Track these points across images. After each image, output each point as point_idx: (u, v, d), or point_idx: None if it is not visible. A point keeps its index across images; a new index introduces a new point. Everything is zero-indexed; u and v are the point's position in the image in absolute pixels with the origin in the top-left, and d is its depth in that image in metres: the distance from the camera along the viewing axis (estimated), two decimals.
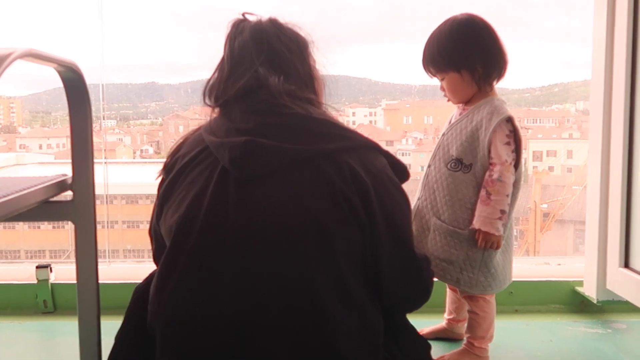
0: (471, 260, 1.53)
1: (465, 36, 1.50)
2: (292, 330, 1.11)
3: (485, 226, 1.48)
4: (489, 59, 1.51)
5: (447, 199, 1.53)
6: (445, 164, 1.54)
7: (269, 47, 1.28)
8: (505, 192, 1.48)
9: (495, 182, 1.48)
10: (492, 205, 1.48)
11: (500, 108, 1.51)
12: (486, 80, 1.52)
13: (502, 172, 1.48)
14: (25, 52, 1.02)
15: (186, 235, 1.16)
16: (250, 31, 1.31)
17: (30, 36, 2.57)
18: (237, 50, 1.30)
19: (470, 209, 1.51)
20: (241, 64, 1.28)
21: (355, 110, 3.82)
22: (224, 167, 1.17)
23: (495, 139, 1.48)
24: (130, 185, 3.26)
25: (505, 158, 1.48)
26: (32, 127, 3.81)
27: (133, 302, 1.29)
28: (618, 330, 1.89)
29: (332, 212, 1.14)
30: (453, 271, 1.54)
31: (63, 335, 1.88)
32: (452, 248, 1.53)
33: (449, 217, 1.53)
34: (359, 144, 1.23)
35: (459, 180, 1.52)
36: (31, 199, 1.17)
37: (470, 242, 1.52)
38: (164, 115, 3.69)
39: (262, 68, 1.26)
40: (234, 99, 1.25)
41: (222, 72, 1.31)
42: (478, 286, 1.55)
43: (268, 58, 1.28)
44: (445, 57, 1.51)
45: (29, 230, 3.45)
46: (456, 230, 1.53)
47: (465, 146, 1.52)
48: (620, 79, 1.86)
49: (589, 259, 2.00)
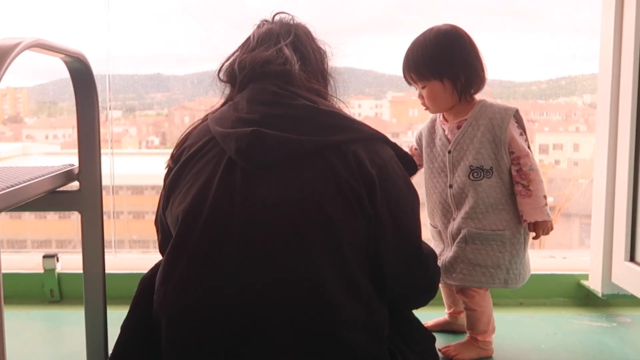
0: (515, 258, 1.56)
1: (450, 45, 1.51)
2: (297, 320, 1.12)
3: (538, 216, 1.51)
4: (471, 70, 1.52)
5: (481, 207, 1.54)
6: (468, 176, 1.55)
7: (295, 34, 1.34)
8: (539, 178, 1.52)
9: (528, 173, 1.51)
10: (534, 194, 1.51)
11: (502, 105, 1.55)
12: (466, 90, 1.53)
13: (531, 162, 1.52)
14: (33, 42, 1.03)
15: (192, 225, 1.16)
16: (280, 22, 1.38)
17: (36, 27, 2.57)
18: (264, 31, 1.35)
19: (503, 210, 1.54)
20: (266, 41, 1.33)
21: (361, 102, 3.81)
22: (231, 158, 1.18)
23: (513, 134, 1.52)
24: (136, 176, 3.27)
25: (526, 149, 1.52)
26: (39, 117, 3.82)
27: (139, 292, 1.29)
28: (623, 324, 1.89)
29: (338, 203, 1.15)
30: (501, 274, 1.55)
31: (69, 325, 1.89)
32: (496, 252, 1.54)
33: (487, 223, 1.54)
34: (366, 135, 1.23)
35: (485, 186, 1.53)
36: (38, 189, 1.18)
37: (512, 241, 1.55)
38: (169, 106, 3.69)
39: (287, 48, 1.29)
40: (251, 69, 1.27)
41: (246, 47, 1.35)
42: (520, 279, 1.59)
43: (293, 42, 1.32)
44: (431, 65, 1.51)
45: (36, 220, 3.46)
46: (497, 232, 1.54)
47: (482, 152, 1.53)
48: (628, 72, 1.85)
49: (595, 253, 2.00)
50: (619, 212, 1.90)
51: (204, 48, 2.91)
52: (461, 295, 1.62)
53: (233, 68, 1.31)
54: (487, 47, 1.60)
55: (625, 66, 1.86)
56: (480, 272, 1.54)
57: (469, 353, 1.60)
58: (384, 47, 3.27)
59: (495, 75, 2.81)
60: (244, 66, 1.29)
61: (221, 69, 1.34)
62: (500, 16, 2.83)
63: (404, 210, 1.24)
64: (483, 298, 1.59)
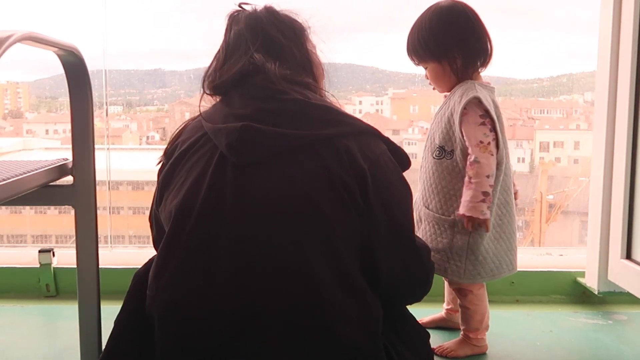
0: (457, 248, 1.51)
1: (443, 26, 1.49)
2: (290, 315, 1.11)
3: (469, 211, 1.45)
4: (467, 50, 1.49)
5: (433, 187, 1.53)
6: (431, 154, 1.54)
7: (263, 34, 1.29)
8: (484, 173, 1.44)
9: (473, 165, 1.45)
10: (473, 188, 1.45)
11: (469, 90, 1.48)
12: (465, 71, 1.51)
13: (478, 153, 1.45)
14: (25, 35, 1.03)
15: (184, 220, 1.16)
16: (245, 20, 1.31)
17: (33, 22, 2.57)
18: (232, 38, 1.31)
19: (454, 196, 1.51)
20: (236, 50, 1.29)
21: (361, 99, 3.81)
22: (222, 153, 1.17)
23: (467, 120, 1.46)
24: (135, 171, 3.27)
25: (480, 139, 1.45)
26: (39, 112, 3.82)
27: (132, 286, 1.29)
28: (619, 322, 1.89)
29: (330, 197, 1.14)
30: (440, 260, 1.53)
31: (65, 319, 1.90)
32: (438, 236, 1.53)
33: (436, 205, 1.54)
34: (358, 129, 1.23)
35: (443, 167, 1.52)
36: (31, 183, 1.18)
37: (454, 229, 1.51)
38: (169, 101, 3.69)
39: (257, 54, 1.26)
40: (231, 84, 1.26)
41: (219, 60, 1.31)
42: (466, 275, 1.52)
43: (263, 44, 1.28)
44: (425, 48, 1.51)
45: (35, 215, 3.47)
46: (441, 217, 1.53)
47: (444, 133, 1.51)
48: (625, 71, 1.84)
49: (591, 250, 1.99)
50: (615, 210, 1.89)
51: (203, 43, 2.91)
52: (456, 292, 1.62)
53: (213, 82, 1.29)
54: None
55: (623, 64, 1.85)
56: None
57: (463, 350, 1.60)
58: (385, 44, 3.26)
59: (495, 73, 2.79)
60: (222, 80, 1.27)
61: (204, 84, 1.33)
62: (501, 13, 2.82)
63: (396, 205, 1.24)
64: (477, 296, 1.59)
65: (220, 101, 1.29)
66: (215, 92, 1.30)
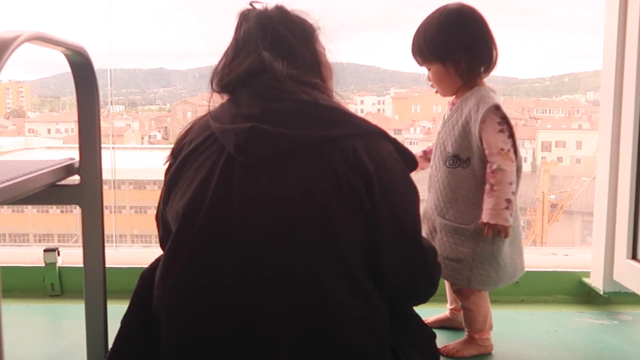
0: (480, 257, 1.51)
1: (450, 28, 1.48)
2: (296, 316, 1.11)
3: (493, 218, 1.45)
4: (473, 53, 1.48)
5: (449, 196, 1.52)
6: (444, 162, 1.53)
7: (273, 32, 1.28)
8: (507, 180, 1.45)
9: (495, 172, 1.45)
10: (496, 195, 1.45)
11: (486, 97, 1.48)
12: (471, 74, 1.50)
13: (500, 161, 1.45)
14: (33, 35, 1.02)
15: (192, 221, 1.16)
16: (256, 18, 1.31)
17: (39, 22, 2.57)
18: (242, 36, 1.30)
19: (474, 204, 1.49)
20: (245, 48, 1.29)
21: (363, 99, 3.81)
22: (230, 153, 1.17)
23: (486, 128, 1.46)
24: (138, 170, 3.27)
25: (501, 146, 1.45)
26: (41, 111, 3.82)
27: (139, 286, 1.29)
28: (624, 322, 1.89)
29: (336, 198, 1.14)
30: (463, 270, 1.52)
31: (70, 318, 1.90)
32: (459, 246, 1.52)
33: (454, 214, 1.52)
34: (365, 130, 1.23)
35: (459, 176, 1.51)
36: (38, 182, 1.18)
37: (476, 238, 1.50)
38: (172, 101, 3.70)
39: (266, 52, 1.25)
40: (238, 82, 1.26)
41: (227, 57, 1.31)
42: (490, 282, 1.53)
43: (272, 43, 1.27)
44: (430, 48, 1.50)
45: (38, 214, 3.47)
46: (461, 226, 1.51)
47: (459, 141, 1.50)
48: (631, 70, 1.84)
49: (596, 250, 1.99)
50: (621, 210, 1.89)
51: (206, 43, 2.91)
52: (457, 294, 1.62)
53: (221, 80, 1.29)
54: None
55: (629, 63, 1.85)
56: (444, 264, 1.51)
57: (468, 350, 1.60)
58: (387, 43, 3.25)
59: (498, 72, 2.79)
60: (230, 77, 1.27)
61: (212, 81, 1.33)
62: (503, 13, 2.81)
63: (402, 206, 1.24)
64: (479, 297, 1.58)
65: (228, 100, 1.29)
66: (223, 90, 1.30)
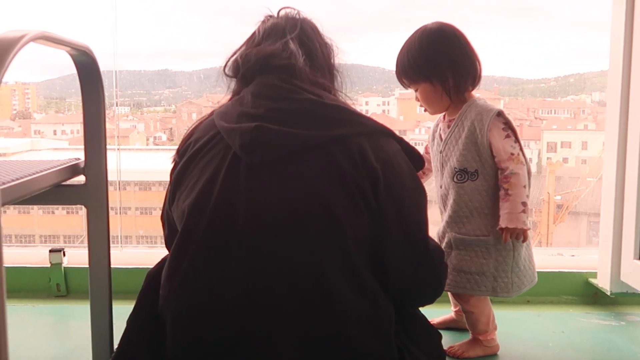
0: (502, 265, 1.52)
1: (433, 46, 1.49)
2: (302, 317, 1.11)
3: (512, 222, 1.46)
4: (459, 69, 1.49)
5: (464, 211, 1.52)
6: (452, 178, 1.53)
7: (301, 28, 1.33)
8: (521, 184, 1.46)
9: (509, 177, 1.47)
10: (512, 199, 1.46)
11: (486, 106, 1.50)
12: (458, 90, 1.51)
13: (513, 166, 1.46)
14: (39, 34, 1.02)
15: (197, 220, 1.16)
16: (286, 16, 1.36)
17: (44, 23, 2.57)
18: (269, 26, 1.34)
19: (490, 215, 1.50)
20: (272, 35, 1.32)
21: (368, 100, 3.80)
22: (236, 153, 1.17)
23: (493, 136, 1.47)
24: (143, 171, 3.28)
25: (510, 151, 1.47)
26: (47, 113, 3.83)
27: (145, 286, 1.29)
28: (632, 323, 1.88)
29: (342, 197, 1.14)
30: (487, 281, 1.52)
31: (75, 319, 1.90)
32: (481, 258, 1.52)
33: (471, 228, 1.52)
34: (371, 129, 1.22)
35: (470, 189, 1.51)
36: (44, 182, 1.18)
37: (498, 247, 1.51)
38: (177, 102, 3.70)
39: (293, 42, 1.29)
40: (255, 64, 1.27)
41: (252, 43, 1.34)
42: (514, 288, 1.53)
43: (299, 35, 1.31)
44: (416, 68, 1.50)
45: (44, 215, 3.48)
46: (480, 238, 1.51)
47: (465, 154, 1.51)
48: (638, 69, 1.83)
49: (603, 251, 1.98)
50: (628, 210, 1.88)
51: (211, 44, 2.92)
52: (457, 298, 1.62)
53: (237, 62, 1.31)
54: (495, 44, 1.59)
55: (636, 63, 1.84)
56: (465, 278, 1.52)
57: (474, 351, 1.60)
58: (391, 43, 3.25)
59: (503, 73, 2.77)
60: (248, 60, 1.28)
61: (227, 64, 1.34)
62: (508, 13, 2.81)
63: (408, 205, 1.23)
64: (479, 300, 1.58)
65: (233, 100, 1.29)
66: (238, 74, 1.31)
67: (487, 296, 1.56)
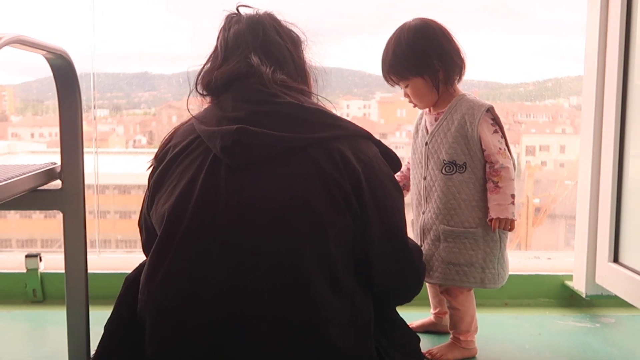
0: (490, 256, 1.55)
1: (421, 41, 1.51)
2: (282, 319, 1.12)
3: (501, 213, 1.50)
4: (448, 61, 1.52)
5: (452, 203, 1.54)
6: (440, 170, 1.55)
7: (264, 36, 1.30)
8: (510, 177, 1.51)
9: (499, 171, 1.51)
10: (502, 192, 1.50)
11: (477, 101, 1.54)
12: (448, 81, 1.54)
13: (501, 160, 1.51)
14: (14, 38, 1.01)
15: (177, 223, 1.16)
16: (247, 21, 1.32)
17: (20, 24, 2.54)
18: (231, 38, 1.31)
19: (477, 207, 1.53)
20: (235, 51, 1.29)
21: (349, 103, 3.81)
22: (216, 156, 1.17)
23: (483, 130, 1.51)
24: (122, 175, 3.25)
25: (499, 146, 1.52)
26: (24, 115, 3.78)
27: (123, 291, 1.28)
28: (607, 325, 1.91)
29: (324, 199, 1.15)
30: (475, 272, 1.55)
31: (52, 325, 1.88)
32: (469, 250, 1.54)
33: (459, 220, 1.54)
34: (351, 132, 1.24)
35: (458, 181, 1.53)
36: (19, 187, 1.17)
37: (486, 239, 1.54)
38: (157, 105, 3.67)
39: (255, 55, 1.26)
40: (224, 85, 1.26)
41: (215, 60, 1.31)
42: (499, 279, 1.57)
43: (263, 46, 1.29)
44: (406, 64, 1.52)
45: (21, 219, 3.43)
46: (469, 230, 1.54)
47: (454, 147, 1.53)
48: (612, 74, 1.86)
49: (579, 254, 2.01)
50: (603, 214, 1.91)
51: (191, 46, 2.90)
52: (445, 294, 1.63)
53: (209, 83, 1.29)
54: (475, 47, 1.60)
55: (610, 67, 1.87)
56: (454, 270, 1.55)
57: (452, 354, 1.61)
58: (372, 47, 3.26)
59: (482, 76, 2.80)
60: (215, 81, 1.27)
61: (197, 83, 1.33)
62: (487, 16, 2.83)
63: (390, 206, 1.25)
64: (467, 297, 1.60)
65: (213, 104, 1.28)
66: (210, 93, 1.30)
67: (475, 287, 1.58)
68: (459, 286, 1.57)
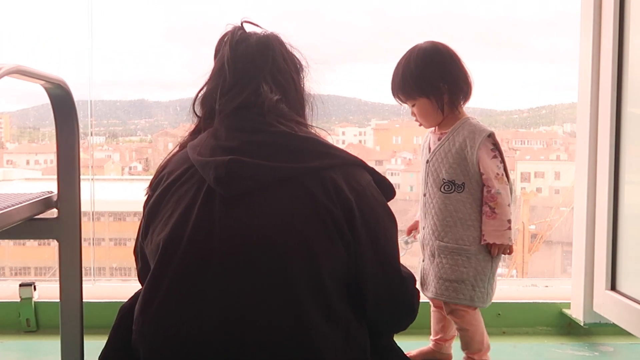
0: (481, 275, 1.57)
1: (429, 64, 1.56)
2: (277, 349, 1.11)
3: (498, 239, 1.53)
4: (454, 84, 1.57)
5: (448, 220, 1.57)
6: (439, 188, 1.58)
7: (273, 63, 1.29)
8: (506, 202, 1.53)
9: (495, 196, 1.53)
10: (498, 218, 1.53)
11: (479, 126, 1.57)
12: (453, 104, 1.58)
13: (498, 185, 1.53)
14: (13, 68, 1.02)
15: (171, 254, 1.15)
16: (256, 42, 1.31)
17: (18, 52, 2.56)
18: (240, 59, 1.29)
19: (472, 226, 1.56)
20: (245, 74, 1.27)
21: (345, 130, 3.84)
22: (210, 186, 1.17)
23: (482, 155, 1.54)
24: (117, 202, 3.24)
25: (497, 171, 1.54)
26: (20, 142, 3.79)
27: (118, 321, 1.27)
28: (605, 353, 1.89)
29: (317, 229, 1.14)
30: (465, 290, 1.57)
31: (46, 355, 1.85)
32: (461, 267, 1.56)
33: (453, 237, 1.57)
34: (344, 161, 1.23)
35: (455, 200, 1.56)
36: (15, 217, 1.16)
37: (478, 257, 1.56)
38: (153, 132, 3.68)
39: (265, 84, 1.26)
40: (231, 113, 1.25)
41: (223, 81, 1.28)
42: (488, 299, 1.59)
43: (272, 74, 1.28)
44: (413, 84, 1.57)
45: (14, 247, 3.41)
46: (462, 247, 1.56)
47: (454, 167, 1.56)
48: (606, 101, 1.87)
49: (576, 281, 2.00)
50: (599, 241, 1.91)
51: (188, 73, 2.92)
52: (451, 316, 1.62)
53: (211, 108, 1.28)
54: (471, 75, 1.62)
55: (604, 94, 1.89)
56: (444, 286, 1.57)
57: None
58: (368, 75, 3.29)
59: (477, 104, 2.82)
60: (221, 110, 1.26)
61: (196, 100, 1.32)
62: (482, 45, 2.86)
63: (383, 236, 1.24)
64: (473, 317, 1.60)
65: (207, 132, 1.28)
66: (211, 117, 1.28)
67: (464, 304, 1.58)
68: (449, 302, 1.58)
